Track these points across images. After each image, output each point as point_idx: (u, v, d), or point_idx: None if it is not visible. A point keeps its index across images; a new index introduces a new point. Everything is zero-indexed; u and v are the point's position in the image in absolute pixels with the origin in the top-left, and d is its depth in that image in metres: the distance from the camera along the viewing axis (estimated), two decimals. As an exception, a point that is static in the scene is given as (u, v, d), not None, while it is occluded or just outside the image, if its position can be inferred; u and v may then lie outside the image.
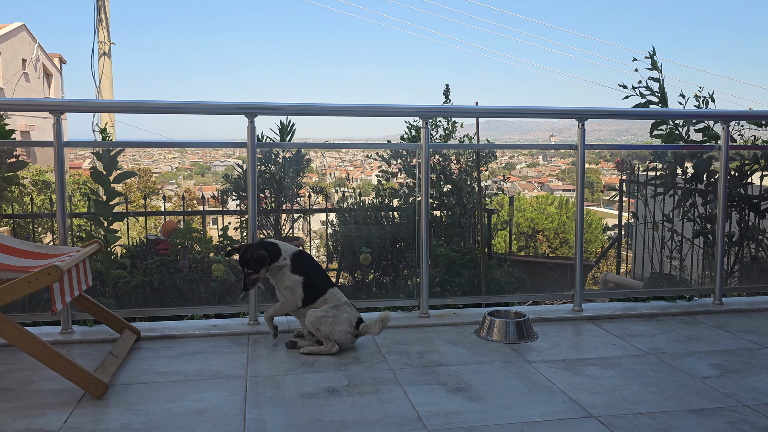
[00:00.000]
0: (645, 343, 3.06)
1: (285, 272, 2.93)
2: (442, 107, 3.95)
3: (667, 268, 4.36)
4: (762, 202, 4.10)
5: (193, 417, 2.23)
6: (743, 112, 3.98)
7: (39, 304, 3.37)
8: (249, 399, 2.38)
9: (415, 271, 3.69)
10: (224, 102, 3.30)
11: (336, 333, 2.86)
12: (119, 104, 4.81)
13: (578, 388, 2.51)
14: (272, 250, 2.91)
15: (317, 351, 2.83)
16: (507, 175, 5.24)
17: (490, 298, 3.78)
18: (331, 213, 4.43)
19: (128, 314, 3.25)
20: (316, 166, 6.02)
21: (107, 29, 11.23)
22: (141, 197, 13.77)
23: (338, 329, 2.86)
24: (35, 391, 2.44)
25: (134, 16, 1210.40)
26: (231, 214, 4.44)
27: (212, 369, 2.68)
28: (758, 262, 4.15)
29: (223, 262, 3.70)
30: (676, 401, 2.39)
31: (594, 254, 10.75)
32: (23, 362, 2.70)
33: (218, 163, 28.27)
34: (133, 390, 2.46)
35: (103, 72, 11.28)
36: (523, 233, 13.34)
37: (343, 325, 2.88)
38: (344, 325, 2.88)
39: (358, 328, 2.92)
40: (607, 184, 11.39)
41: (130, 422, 2.19)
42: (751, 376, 2.64)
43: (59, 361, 2.35)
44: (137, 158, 26.99)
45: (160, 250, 4.10)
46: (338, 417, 2.23)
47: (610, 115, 4.00)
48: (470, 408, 2.31)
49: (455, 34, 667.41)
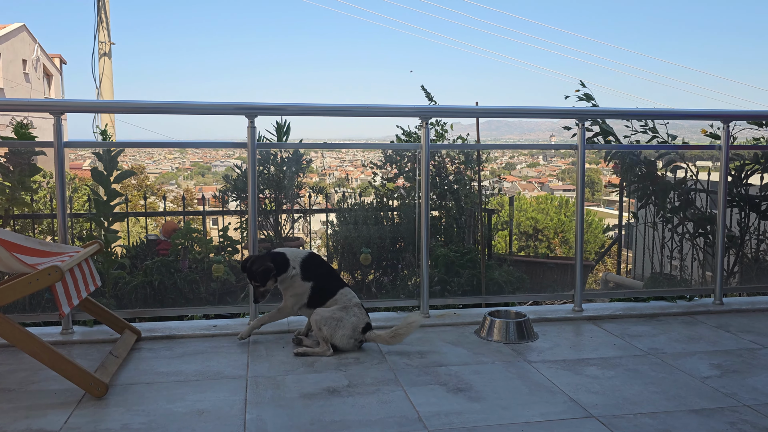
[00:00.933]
0: (645, 344, 3.06)
1: (296, 280, 2.92)
2: (442, 107, 3.94)
3: (667, 268, 4.36)
4: (762, 202, 4.10)
5: (194, 417, 2.23)
6: (743, 111, 3.98)
7: (39, 305, 3.37)
8: (249, 399, 2.38)
9: (415, 272, 3.69)
10: (225, 102, 3.31)
11: (337, 337, 2.84)
12: (120, 105, 4.81)
13: (578, 388, 2.51)
14: (280, 261, 2.87)
15: (311, 352, 2.81)
16: (502, 175, 5.24)
17: (490, 299, 3.78)
18: (331, 213, 4.42)
19: (128, 314, 3.26)
20: (316, 166, 6.02)
21: (107, 29, 11.22)
22: (140, 197, 13.76)
23: (339, 333, 2.84)
24: (36, 392, 2.44)
25: (135, 18, 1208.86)
26: (231, 214, 4.44)
27: (213, 369, 2.68)
28: (758, 262, 4.15)
29: (223, 262, 3.70)
30: (677, 401, 2.39)
31: (594, 254, 10.75)
32: (24, 363, 2.71)
33: (218, 164, 28.29)
34: (134, 390, 2.46)
35: (104, 73, 11.28)
36: (524, 233, 13.34)
37: (345, 329, 2.85)
38: (347, 330, 2.86)
39: (364, 334, 2.90)
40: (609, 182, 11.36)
41: (131, 423, 2.19)
42: (752, 377, 2.64)
43: (60, 362, 2.35)
44: (137, 158, 26.99)
45: (161, 250, 4.10)
46: (339, 417, 2.23)
47: (609, 115, 4.00)
48: (471, 408, 2.31)
49: (454, 35, 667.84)
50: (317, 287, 2.92)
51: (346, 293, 2.94)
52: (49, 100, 8.14)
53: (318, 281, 2.93)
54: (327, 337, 2.84)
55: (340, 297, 2.92)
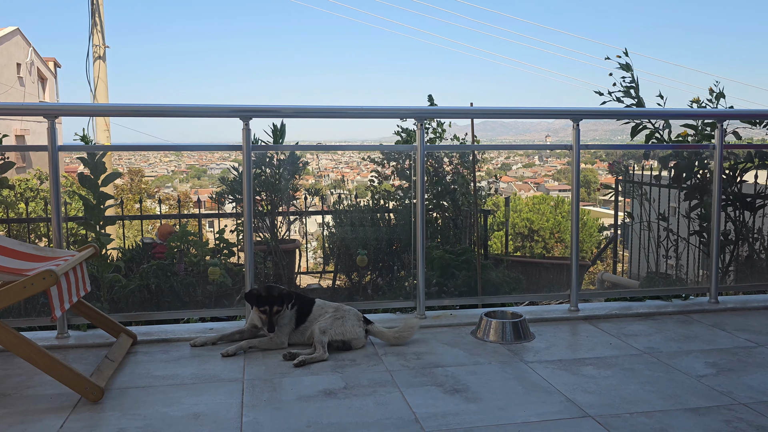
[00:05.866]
0: (641, 343, 3.06)
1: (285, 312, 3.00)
2: (437, 108, 3.94)
3: (663, 268, 4.37)
4: (757, 200, 4.12)
5: (190, 421, 2.22)
6: (737, 111, 3.99)
7: (35, 309, 3.36)
8: (246, 402, 2.37)
9: (412, 273, 3.69)
10: (220, 105, 3.30)
11: (348, 327, 2.94)
12: (115, 108, 4.81)
13: (575, 388, 2.51)
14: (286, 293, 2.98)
15: (310, 359, 2.79)
16: (499, 175, 5.24)
17: (486, 299, 3.78)
18: (327, 215, 4.42)
19: (124, 318, 3.25)
20: (312, 168, 6.02)
21: (102, 32, 11.20)
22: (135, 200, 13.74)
23: (349, 325, 2.95)
24: (31, 396, 2.43)
25: (129, 22, 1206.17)
26: (227, 216, 4.43)
27: (209, 372, 2.67)
28: (753, 260, 4.16)
29: (219, 265, 3.70)
30: (673, 400, 2.39)
31: (590, 254, 10.77)
32: (19, 367, 2.70)
33: (214, 166, 28.23)
34: (130, 394, 2.45)
35: (99, 76, 11.26)
36: (520, 233, 13.36)
37: (351, 320, 2.97)
38: (353, 319, 2.97)
39: (367, 326, 3.01)
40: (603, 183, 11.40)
41: (127, 427, 2.18)
42: (747, 375, 2.65)
43: (55, 366, 2.34)
44: (132, 161, 26.93)
45: (156, 253, 4.09)
46: (335, 419, 2.23)
47: (605, 115, 4.01)
48: (467, 409, 2.32)
49: (449, 36, 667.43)
50: (299, 309, 3.04)
51: (321, 304, 3.08)
52: (43, 104, 8.12)
53: (298, 303, 3.05)
54: (338, 335, 2.90)
55: (317, 309, 3.04)
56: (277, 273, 4.11)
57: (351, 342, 2.93)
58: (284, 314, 2.97)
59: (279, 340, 2.95)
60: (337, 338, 2.90)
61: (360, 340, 2.95)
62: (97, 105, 9.28)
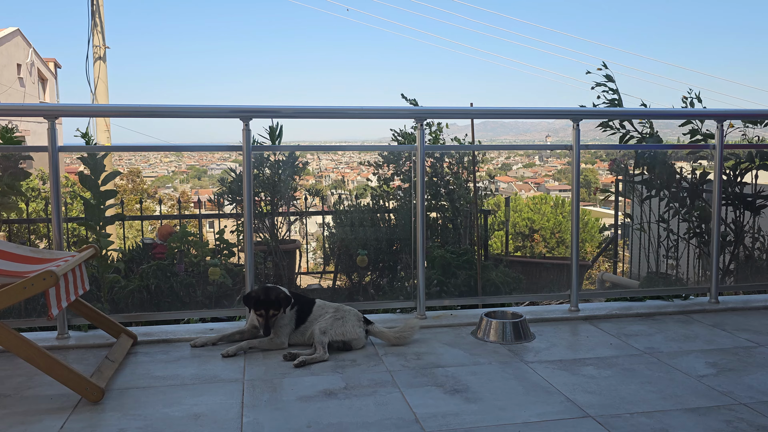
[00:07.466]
0: (642, 343, 3.06)
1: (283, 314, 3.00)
2: (437, 108, 3.94)
3: (663, 268, 4.37)
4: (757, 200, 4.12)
5: (190, 421, 2.22)
6: (737, 110, 4.00)
7: (35, 310, 3.36)
8: (246, 402, 2.37)
9: (412, 273, 3.69)
10: (220, 105, 3.31)
11: (348, 328, 2.93)
12: (115, 108, 4.81)
13: (575, 388, 2.51)
14: (284, 296, 2.98)
15: (311, 359, 2.79)
16: (496, 176, 5.25)
17: (487, 299, 3.78)
18: (327, 215, 4.43)
19: (124, 319, 3.25)
20: (312, 168, 6.02)
21: (102, 33, 11.20)
22: (136, 201, 13.73)
23: (349, 325, 2.94)
24: (31, 397, 2.43)
25: (129, 22, 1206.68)
26: (227, 217, 4.43)
27: (209, 373, 2.67)
28: (753, 260, 4.16)
29: (219, 265, 3.70)
30: (673, 400, 2.39)
31: (590, 254, 10.77)
32: (19, 368, 2.70)
33: (214, 167, 28.23)
34: (130, 395, 2.45)
35: (99, 76, 11.25)
36: (520, 233, 13.36)
37: (351, 320, 2.96)
38: (353, 320, 2.97)
39: (367, 325, 3.01)
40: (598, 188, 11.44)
41: (127, 427, 2.18)
42: (748, 375, 2.65)
43: (55, 367, 2.34)
44: (133, 162, 26.93)
45: (157, 254, 4.09)
46: (335, 419, 2.23)
47: (605, 115, 4.01)
48: (467, 409, 2.31)
49: (449, 36, 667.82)
50: (299, 309, 3.04)
51: (321, 304, 3.07)
52: (43, 105, 8.11)
53: (297, 304, 3.05)
54: (338, 335, 2.90)
55: (318, 309, 3.04)
56: (277, 273, 4.10)
57: (351, 342, 2.93)
58: (284, 315, 2.97)
59: (279, 341, 2.95)
60: (338, 338, 2.90)
61: (360, 340, 2.95)
62: (97, 105, 9.28)
